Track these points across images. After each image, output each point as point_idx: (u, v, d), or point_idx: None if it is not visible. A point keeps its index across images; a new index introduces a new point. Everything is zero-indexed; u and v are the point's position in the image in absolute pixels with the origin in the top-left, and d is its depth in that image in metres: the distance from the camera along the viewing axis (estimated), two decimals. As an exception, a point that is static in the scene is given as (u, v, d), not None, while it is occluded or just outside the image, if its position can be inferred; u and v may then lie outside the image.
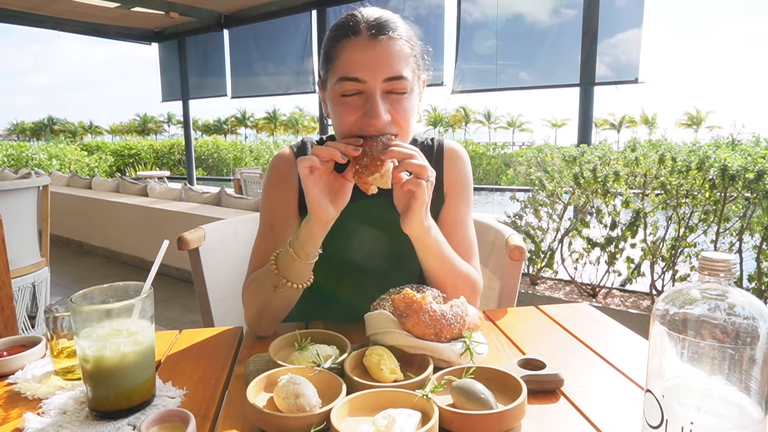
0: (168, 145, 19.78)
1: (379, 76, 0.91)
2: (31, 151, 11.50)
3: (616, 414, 0.70)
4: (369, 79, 0.91)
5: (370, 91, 0.92)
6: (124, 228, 5.42)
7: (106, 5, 7.26)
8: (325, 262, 1.15)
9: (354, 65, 0.92)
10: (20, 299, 2.72)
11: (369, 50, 0.91)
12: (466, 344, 0.79)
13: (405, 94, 0.94)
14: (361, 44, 0.92)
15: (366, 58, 0.91)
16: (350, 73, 0.92)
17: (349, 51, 0.92)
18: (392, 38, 0.93)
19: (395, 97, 0.94)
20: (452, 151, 1.15)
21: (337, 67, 0.94)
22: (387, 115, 0.92)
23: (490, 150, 14.95)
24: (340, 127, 0.97)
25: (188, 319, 3.75)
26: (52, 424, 0.66)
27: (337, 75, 0.93)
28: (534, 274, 3.70)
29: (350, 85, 0.92)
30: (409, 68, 0.95)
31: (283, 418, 0.62)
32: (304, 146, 1.15)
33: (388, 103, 0.93)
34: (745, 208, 2.85)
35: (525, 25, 5.47)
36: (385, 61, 0.92)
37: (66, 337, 0.79)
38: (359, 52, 0.92)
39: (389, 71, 0.92)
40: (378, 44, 0.92)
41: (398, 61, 0.93)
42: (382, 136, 0.88)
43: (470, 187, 1.17)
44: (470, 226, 1.15)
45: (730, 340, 0.49)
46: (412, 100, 0.97)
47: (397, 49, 0.93)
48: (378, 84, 0.91)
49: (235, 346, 0.94)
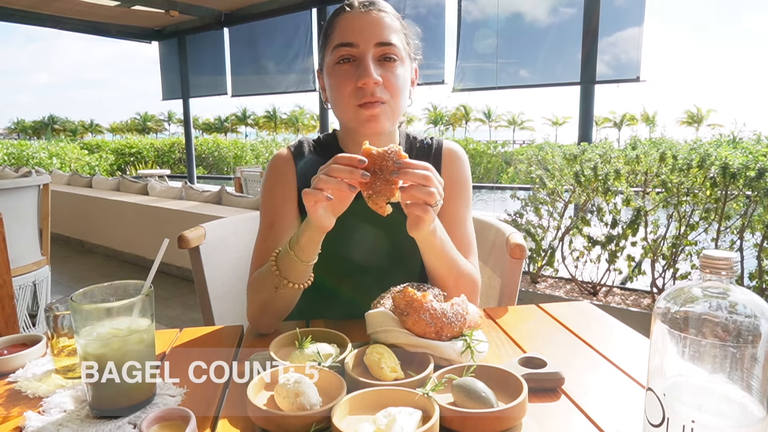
0: (168, 143, 19.76)
1: (371, 41, 0.98)
2: (31, 149, 11.51)
3: (617, 412, 0.70)
4: (361, 42, 0.98)
5: (363, 54, 0.98)
6: (125, 227, 5.43)
7: (107, 3, 7.25)
8: (325, 260, 1.15)
9: (347, 31, 1.00)
10: (21, 298, 2.72)
11: (362, 18, 1.00)
12: (467, 342, 0.79)
13: (396, 61, 1.00)
14: (355, 15, 1.01)
15: (359, 25, 0.99)
16: (344, 38, 0.99)
17: (343, 22, 1.01)
18: (383, 11, 1.02)
19: (387, 64, 1.00)
20: (450, 151, 1.16)
21: (333, 39, 1.01)
22: (378, 77, 0.97)
23: (491, 148, 14.93)
24: (337, 98, 1.02)
25: (189, 318, 3.75)
26: (52, 423, 0.66)
27: (334, 44, 1.01)
28: (535, 272, 3.69)
29: (344, 51, 0.99)
30: (400, 40, 1.02)
31: (284, 416, 0.62)
32: (301, 146, 1.16)
33: (381, 70, 0.99)
34: (746, 206, 2.85)
35: (525, 24, 5.47)
36: (377, 27, 0.99)
37: (66, 335, 0.79)
38: (353, 20, 1.00)
39: (380, 36, 0.99)
40: (369, 14, 1.00)
41: (389, 30, 1.00)
42: (389, 152, 0.81)
43: (469, 186, 1.17)
44: (469, 225, 1.15)
45: (732, 339, 0.49)
46: (403, 71, 1.02)
47: (387, 20, 1.01)
48: (370, 48, 0.98)
49: (236, 344, 0.94)
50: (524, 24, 5.47)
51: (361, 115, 1.00)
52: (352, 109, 1.00)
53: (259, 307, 0.99)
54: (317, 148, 1.17)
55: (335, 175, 0.80)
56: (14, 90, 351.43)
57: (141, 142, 19.80)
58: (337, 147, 1.15)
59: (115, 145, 19.07)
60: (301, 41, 7.36)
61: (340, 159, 0.82)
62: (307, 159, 1.14)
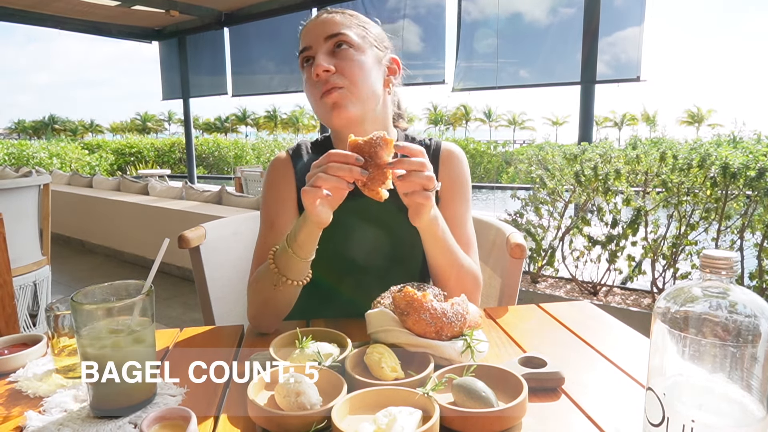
0: (169, 143, 19.76)
1: (320, 37, 1.03)
2: (32, 149, 11.51)
3: (617, 412, 0.70)
4: (313, 43, 1.03)
5: (315, 53, 1.03)
6: (125, 226, 5.43)
7: (107, 3, 7.25)
8: (326, 260, 1.15)
9: (304, 38, 1.06)
10: (21, 298, 2.72)
11: (313, 23, 1.06)
12: (467, 342, 0.79)
13: (350, 48, 1.03)
14: (309, 24, 1.07)
15: (311, 29, 1.05)
16: (301, 45, 1.06)
17: (302, 34, 1.07)
18: (335, 12, 1.07)
19: (340, 52, 1.02)
20: (449, 152, 1.16)
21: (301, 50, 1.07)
22: (329, 65, 1.00)
23: (491, 148, 14.92)
24: (309, 101, 1.08)
25: (189, 318, 3.76)
26: (53, 423, 0.66)
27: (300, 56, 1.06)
28: (535, 272, 3.69)
29: (303, 55, 1.05)
30: (353, 31, 1.04)
31: (284, 416, 0.62)
32: (299, 149, 1.18)
33: (334, 59, 1.02)
34: (746, 205, 2.85)
35: (525, 23, 5.47)
36: (325, 25, 1.04)
37: (67, 335, 0.79)
38: (307, 29, 1.06)
39: (328, 31, 1.03)
40: (319, 17, 1.06)
41: (337, 24, 1.04)
42: (375, 138, 0.82)
43: (468, 186, 1.17)
44: (469, 224, 1.16)
45: (732, 338, 0.49)
46: (362, 57, 1.04)
47: (337, 18, 1.05)
48: (320, 44, 1.03)
49: (236, 344, 0.94)
50: (524, 24, 5.47)
51: (325, 105, 1.03)
52: (318, 102, 1.04)
53: (259, 307, 0.99)
54: (315, 150, 1.18)
55: (334, 173, 0.81)
56: (14, 90, 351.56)
57: (141, 142, 19.80)
58: (332, 147, 1.16)
59: (116, 145, 19.06)
60: (302, 41, 7.35)
61: (335, 156, 0.82)
62: (305, 160, 1.16)
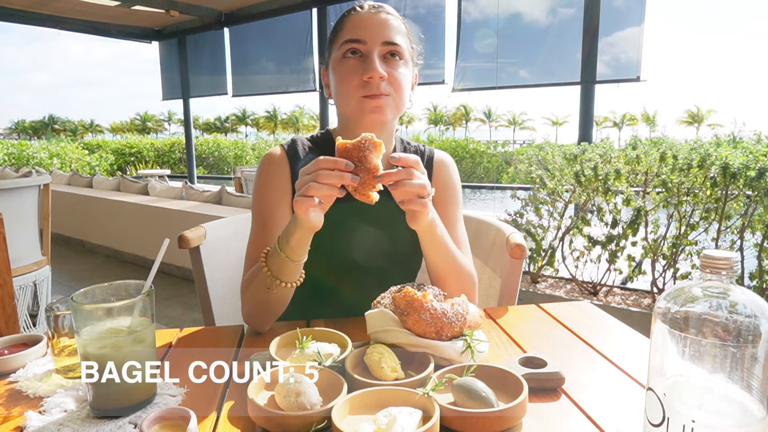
0: (169, 143, 19.75)
1: (378, 39, 1.02)
2: (32, 149, 11.50)
3: (618, 412, 0.70)
4: (369, 40, 1.02)
5: (369, 50, 1.02)
6: (125, 227, 5.43)
7: (107, 3, 7.25)
8: (326, 260, 1.15)
9: (356, 28, 1.03)
10: (21, 298, 2.72)
11: (371, 18, 1.04)
12: (467, 342, 0.79)
13: (401, 60, 1.04)
14: (364, 15, 1.04)
15: (368, 23, 1.03)
16: (353, 34, 1.02)
17: (353, 20, 1.05)
18: (390, 14, 1.06)
19: (392, 61, 1.03)
20: (441, 160, 1.22)
21: (342, 36, 1.04)
22: (384, 72, 1.00)
23: (491, 148, 14.92)
24: (342, 90, 1.04)
25: (189, 318, 3.75)
26: (53, 423, 0.66)
27: (341, 41, 1.04)
28: (535, 272, 3.69)
29: (352, 45, 1.02)
30: (404, 43, 1.05)
31: (284, 416, 0.62)
32: (295, 145, 1.16)
33: (386, 66, 1.02)
34: (746, 206, 2.85)
35: (525, 24, 5.47)
36: (384, 27, 1.03)
37: (67, 335, 0.79)
38: (361, 19, 1.04)
39: (387, 36, 1.03)
40: (378, 15, 1.04)
41: (395, 31, 1.04)
42: (364, 141, 0.82)
43: (458, 190, 1.22)
44: (461, 225, 1.19)
45: (732, 338, 0.49)
46: (406, 71, 1.06)
47: (394, 23, 1.05)
48: (376, 45, 1.02)
49: (236, 344, 0.94)
50: (524, 24, 5.47)
51: (367, 105, 1.02)
52: (357, 99, 1.03)
53: (253, 307, 0.99)
54: (313, 147, 1.17)
55: (325, 181, 0.81)
56: (15, 90, 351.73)
57: (141, 142, 19.81)
58: (332, 145, 1.15)
59: (116, 145, 19.06)
60: (301, 41, 7.35)
61: (324, 163, 0.81)
62: (302, 156, 1.14)
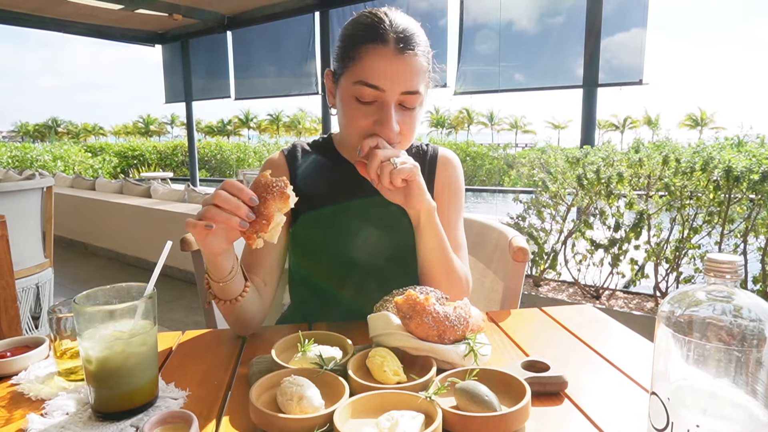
0: (171, 146, 19.79)
1: (397, 89, 0.94)
2: (35, 152, 11.54)
3: (621, 416, 0.69)
4: (388, 89, 0.94)
5: (386, 100, 0.95)
6: (128, 229, 5.44)
7: (110, 7, 7.29)
8: (327, 262, 1.15)
9: (378, 74, 0.94)
10: (24, 300, 2.73)
11: (394, 63, 0.94)
12: (470, 346, 0.78)
13: (415, 108, 0.99)
14: (388, 55, 0.94)
15: (390, 70, 0.94)
16: (372, 80, 0.94)
17: (374, 58, 0.94)
18: (416, 54, 0.96)
19: (406, 110, 0.98)
20: (445, 158, 1.18)
21: (358, 70, 0.95)
22: (397, 125, 0.96)
23: (493, 151, 14.91)
24: (349, 129, 0.99)
25: (191, 321, 3.76)
26: (55, 425, 0.66)
27: (357, 77, 0.95)
28: (537, 275, 3.69)
29: (369, 92, 0.94)
30: (424, 83, 0.99)
31: (286, 419, 0.62)
32: (295, 150, 1.16)
33: (399, 115, 0.97)
34: (749, 209, 2.84)
35: (527, 27, 5.47)
36: (407, 75, 0.95)
37: (69, 338, 0.79)
38: (385, 62, 0.94)
39: (408, 85, 0.95)
40: (403, 58, 0.94)
41: (417, 76, 0.96)
42: (275, 184, 0.79)
43: (461, 191, 1.19)
44: (460, 229, 1.17)
45: (737, 343, 0.48)
46: (419, 113, 1.01)
47: (417, 65, 0.96)
48: (395, 95, 0.95)
49: (238, 347, 0.94)
50: (526, 27, 5.48)
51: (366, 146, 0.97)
52: (360, 137, 0.97)
53: (224, 315, 0.97)
54: (314, 150, 1.17)
55: (222, 205, 0.76)
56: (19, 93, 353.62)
57: (144, 145, 19.84)
58: (334, 150, 1.16)
59: (119, 148, 19.11)
60: (304, 45, 7.38)
61: (228, 187, 0.78)
62: (302, 161, 1.15)
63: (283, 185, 0.78)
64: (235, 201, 0.77)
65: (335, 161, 1.14)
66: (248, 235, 0.78)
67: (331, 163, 1.14)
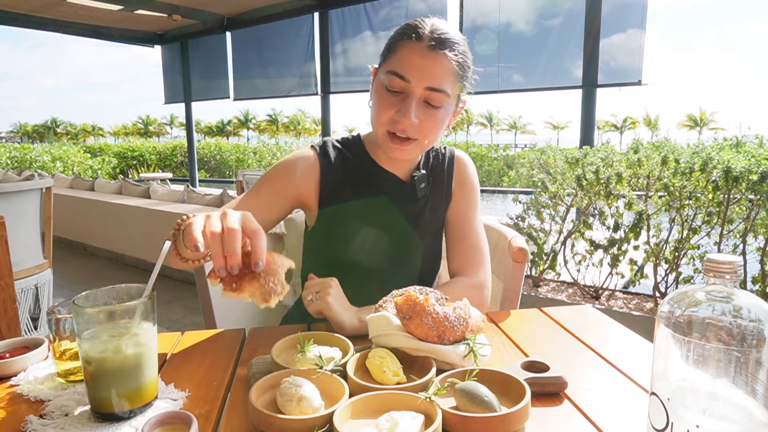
0: (171, 147, 19.78)
1: (423, 83, 0.99)
2: (34, 153, 11.53)
3: (621, 417, 0.69)
4: (413, 80, 0.99)
5: (410, 92, 1.00)
6: (127, 230, 5.43)
7: (109, 8, 7.29)
8: (327, 262, 1.15)
9: (406, 64, 0.99)
10: (23, 301, 2.72)
11: (424, 58, 0.99)
12: (470, 346, 0.78)
13: (440, 108, 1.02)
14: (420, 50, 0.99)
15: (418, 64, 0.99)
16: (400, 69, 1.00)
17: (406, 51, 1.00)
18: (447, 56, 1.00)
19: (430, 107, 1.01)
20: (459, 158, 1.25)
21: (392, 62, 1.02)
22: (416, 119, 1.00)
23: (492, 152, 14.91)
24: (375, 118, 1.05)
25: (190, 321, 3.75)
26: (54, 426, 0.66)
27: (389, 68, 1.02)
28: (536, 276, 3.69)
29: (396, 81, 1.00)
30: (452, 87, 1.02)
31: (286, 420, 0.62)
32: (326, 146, 1.18)
33: (421, 110, 1.01)
34: (748, 209, 2.84)
35: (526, 28, 5.47)
36: (433, 71, 0.99)
37: (68, 338, 0.78)
38: (415, 56, 0.99)
39: (433, 81, 0.99)
40: (433, 55, 0.99)
41: (444, 76, 1.00)
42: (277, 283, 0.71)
43: (476, 190, 1.23)
44: (478, 229, 1.19)
45: (736, 343, 0.48)
46: (444, 113, 1.04)
47: (447, 66, 1.00)
48: (419, 89, 0.99)
49: (238, 348, 0.94)
50: (525, 28, 5.48)
51: (389, 144, 1.04)
52: (384, 131, 1.04)
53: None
54: (344, 148, 1.19)
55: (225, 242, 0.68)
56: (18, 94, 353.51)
57: (143, 145, 19.83)
58: (363, 150, 1.18)
59: (118, 149, 19.09)
60: (303, 45, 7.38)
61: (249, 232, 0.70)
62: (337, 157, 1.16)
63: (278, 290, 0.69)
64: (237, 249, 0.68)
65: (362, 160, 1.17)
66: (215, 278, 0.69)
67: (358, 161, 1.16)
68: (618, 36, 4.83)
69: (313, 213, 1.15)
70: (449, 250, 1.20)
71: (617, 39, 4.81)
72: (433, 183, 1.19)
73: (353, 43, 6.93)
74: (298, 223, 1.54)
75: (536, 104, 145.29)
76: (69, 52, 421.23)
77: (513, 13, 5.39)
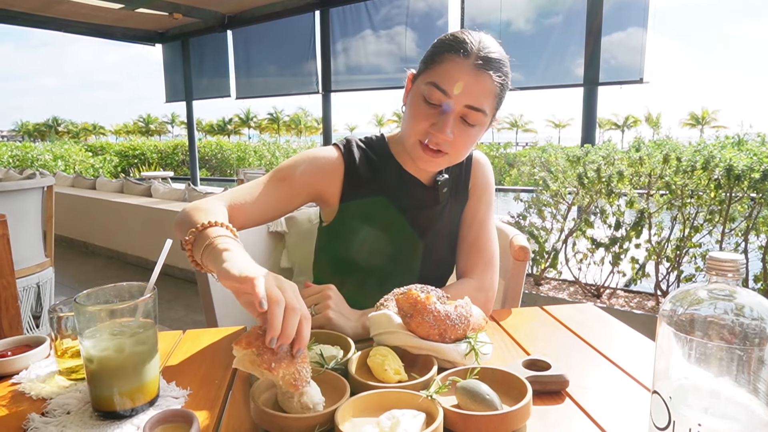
0: (172, 145, 19.79)
1: (463, 100, 0.98)
2: (36, 151, 11.54)
3: (622, 415, 0.69)
4: (454, 97, 0.98)
5: (449, 107, 0.99)
6: (128, 228, 5.44)
7: (110, 6, 7.29)
8: (328, 262, 1.15)
9: (449, 79, 0.98)
10: (25, 299, 2.73)
11: (468, 75, 0.98)
12: (471, 345, 0.78)
13: (475, 126, 1.01)
14: (465, 67, 0.98)
15: (462, 79, 0.98)
16: (442, 83, 0.98)
17: (451, 65, 0.99)
18: (491, 77, 0.99)
19: (466, 125, 1.01)
20: (476, 160, 1.26)
21: (434, 73, 1.00)
22: (451, 134, 0.99)
23: (493, 150, 14.90)
24: (408, 126, 1.04)
25: (192, 320, 3.76)
26: (55, 425, 0.66)
27: (431, 79, 1.00)
28: (538, 274, 3.69)
29: (436, 94, 0.99)
30: (491, 107, 1.02)
31: (287, 418, 0.62)
32: (350, 145, 1.17)
33: (457, 127, 1.00)
34: (750, 208, 2.84)
35: (527, 26, 5.47)
36: (475, 90, 0.98)
37: (70, 337, 0.79)
38: (459, 71, 0.98)
39: (474, 100, 0.98)
40: (478, 74, 0.98)
41: (485, 97, 0.99)
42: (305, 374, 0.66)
43: (491, 190, 1.25)
44: (489, 231, 1.19)
45: (738, 341, 0.48)
46: (478, 132, 1.04)
47: (490, 87, 0.99)
48: (459, 105, 0.99)
49: (239, 346, 0.94)
50: (526, 26, 5.47)
51: (420, 154, 1.04)
52: (415, 142, 1.03)
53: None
54: (368, 150, 1.18)
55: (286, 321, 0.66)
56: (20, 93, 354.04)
57: (144, 144, 19.84)
58: (388, 152, 1.17)
59: (119, 148, 19.11)
60: (304, 44, 7.37)
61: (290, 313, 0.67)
62: (360, 157, 1.15)
63: (308, 378, 0.66)
64: (294, 329, 0.66)
65: (387, 162, 1.16)
66: (246, 346, 0.66)
67: (382, 163, 1.16)
68: (619, 34, 4.82)
69: (332, 209, 1.15)
70: (459, 250, 1.20)
71: (618, 37, 4.80)
72: (453, 186, 1.20)
73: (354, 42, 6.92)
74: (299, 221, 1.53)
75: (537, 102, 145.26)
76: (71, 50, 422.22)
77: (514, 12, 5.38)
